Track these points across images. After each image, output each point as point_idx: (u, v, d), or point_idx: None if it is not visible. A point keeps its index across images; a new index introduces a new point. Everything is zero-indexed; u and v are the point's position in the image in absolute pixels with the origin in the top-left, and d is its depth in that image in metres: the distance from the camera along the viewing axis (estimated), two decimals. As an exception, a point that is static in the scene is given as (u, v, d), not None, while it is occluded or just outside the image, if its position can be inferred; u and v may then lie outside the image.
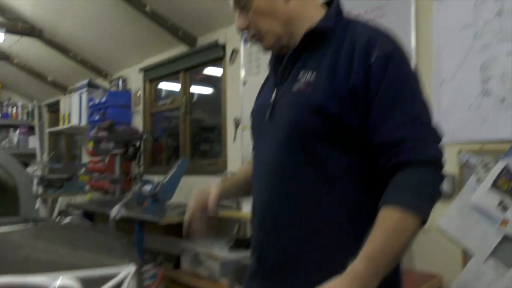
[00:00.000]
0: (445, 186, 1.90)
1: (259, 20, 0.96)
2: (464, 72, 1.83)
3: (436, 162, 0.85)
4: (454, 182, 1.89)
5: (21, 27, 4.16)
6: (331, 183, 0.90)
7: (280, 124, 0.94)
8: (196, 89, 3.77)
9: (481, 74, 1.78)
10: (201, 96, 3.85)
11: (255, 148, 1.07)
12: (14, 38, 4.46)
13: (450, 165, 1.89)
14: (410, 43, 2.02)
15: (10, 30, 4.07)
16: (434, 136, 0.87)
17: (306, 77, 0.92)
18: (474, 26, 1.79)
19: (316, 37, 0.94)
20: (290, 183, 0.92)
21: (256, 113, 1.07)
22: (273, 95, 0.99)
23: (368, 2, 2.15)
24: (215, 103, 3.46)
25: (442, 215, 1.90)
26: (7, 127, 6.16)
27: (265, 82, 1.13)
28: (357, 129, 0.88)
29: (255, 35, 1.00)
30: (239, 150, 3.06)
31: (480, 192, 1.77)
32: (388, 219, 0.81)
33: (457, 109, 1.86)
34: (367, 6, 2.14)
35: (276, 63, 1.03)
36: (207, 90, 3.85)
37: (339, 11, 0.98)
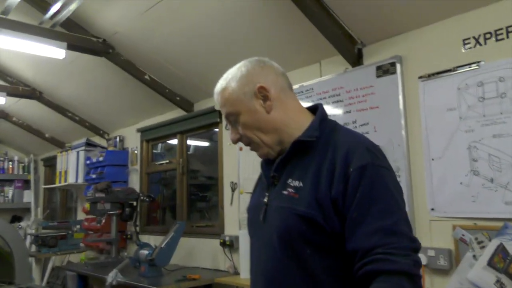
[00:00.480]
0: (443, 261, 1.92)
1: (248, 132, 1.06)
2: (452, 151, 1.90)
3: (409, 273, 0.86)
4: (451, 256, 1.91)
5: (22, 90, 4.26)
6: (319, 286, 0.95)
7: (273, 228, 1.01)
8: (193, 142, 3.84)
9: (469, 154, 1.85)
10: (198, 147, 3.90)
11: (251, 247, 1.14)
12: (14, 98, 4.55)
13: (446, 240, 1.93)
14: (400, 119, 2.10)
15: (11, 94, 4.16)
16: (408, 245, 0.89)
17: (295, 184, 1.00)
18: (458, 109, 1.87)
19: (303, 145, 1.03)
20: (282, 285, 0.99)
21: (252, 212, 1.15)
22: (266, 198, 1.07)
23: (358, 80, 2.26)
24: (212, 154, 3.50)
25: (441, 290, 1.91)
26: (2, 181, 6.16)
27: (259, 178, 1.20)
28: (341, 234, 0.94)
29: (249, 145, 1.09)
30: (236, 214, 3.08)
31: (476, 270, 1.79)
32: None
33: (448, 185, 1.91)
34: (357, 84, 2.25)
35: (266, 168, 1.11)
36: (205, 143, 3.92)
37: (323, 118, 1.07)
